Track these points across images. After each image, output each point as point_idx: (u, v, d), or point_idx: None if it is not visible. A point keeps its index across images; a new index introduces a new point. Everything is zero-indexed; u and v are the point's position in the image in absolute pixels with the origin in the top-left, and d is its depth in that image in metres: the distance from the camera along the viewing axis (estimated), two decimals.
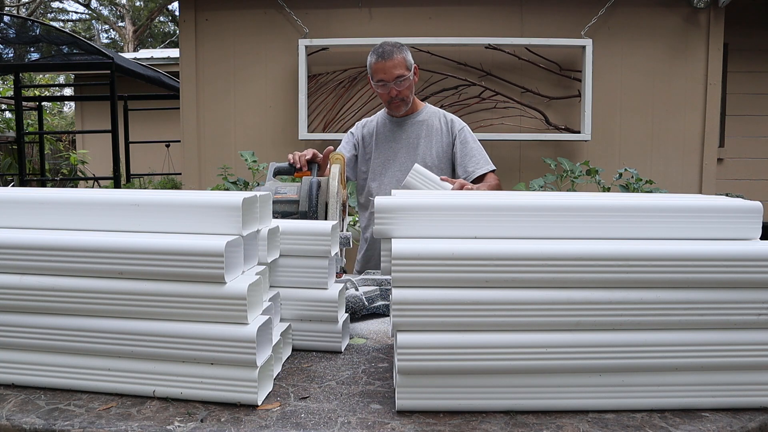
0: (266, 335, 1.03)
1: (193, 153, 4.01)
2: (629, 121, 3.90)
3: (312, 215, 1.52)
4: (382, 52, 2.20)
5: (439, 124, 2.32)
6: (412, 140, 2.31)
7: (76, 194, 1.09)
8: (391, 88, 2.22)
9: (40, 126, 6.86)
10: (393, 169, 2.30)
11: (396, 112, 2.30)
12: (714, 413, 0.97)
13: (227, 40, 3.96)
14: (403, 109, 2.29)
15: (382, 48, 2.21)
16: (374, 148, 2.35)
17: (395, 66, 2.18)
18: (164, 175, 6.66)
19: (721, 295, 0.96)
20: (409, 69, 2.22)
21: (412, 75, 2.24)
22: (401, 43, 2.26)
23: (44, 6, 18.21)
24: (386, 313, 1.56)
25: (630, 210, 1.01)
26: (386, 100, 2.27)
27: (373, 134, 2.36)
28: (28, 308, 1.02)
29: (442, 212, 1.00)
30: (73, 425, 0.90)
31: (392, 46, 2.21)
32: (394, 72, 2.18)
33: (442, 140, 2.30)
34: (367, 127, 2.40)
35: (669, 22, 3.84)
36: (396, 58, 2.18)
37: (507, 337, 0.96)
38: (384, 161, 2.33)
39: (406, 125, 2.33)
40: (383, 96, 2.27)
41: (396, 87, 2.21)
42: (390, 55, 2.19)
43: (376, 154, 2.34)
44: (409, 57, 2.23)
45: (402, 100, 2.25)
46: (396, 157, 2.31)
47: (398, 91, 2.22)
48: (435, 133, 2.30)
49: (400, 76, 2.19)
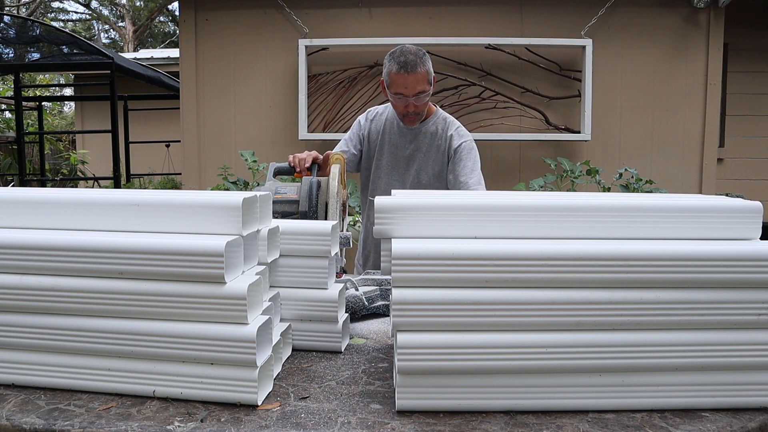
0: (266, 335, 1.03)
1: (193, 153, 4.01)
2: (629, 121, 3.90)
3: (312, 215, 1.52)
4: (404, 63, 1.99)
5: (441, 141, 2.17)
6: (412, 153, 2.19)
7: (76, 194, 1.09)
8: (409, 103, 2.06)
9: (40, 126, 6.86)
10: (392, 177, 2.22)
11: (409, 126, 2.16)
12: (714, 413, 0.97)
13: (227, 40, 3.96)
14: (417, 123, 2.16)
15: (404, 57, 2.00)
16: (378, 149, 2.23)
17: (418, 81, 2.00)
18: (164, 175, 6.66)
19: (721, 295, 0.96)
20: (431, 83, 2.06)
21: (432, 88, 2.08)
22: (424, 51, 2.05)
23: (44, 6, 18.21)
24: (386, 313, 1.56)
25: (630, 210, 1.00)
26: (401, 113, 2.12)
27: (380, 133, 2.23)
28: (28, 308, 1.02)
29: (442, 212, 1.00)
30: (73, 425, 0.90)
31: (415, 56, 2.00)
32: (417, 88, 2.01)
33: (439, 158, 2.17)
34: (375, 122, 2.25)
35: (669, 22, 3.84)
36: (419, 72, 1.99)
37: (507, 337, 0.96)
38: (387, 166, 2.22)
39: (411, 135, 2.19)
40: (398, 108, 2.11)
41: (415, 102, 2.06)
42: (414, 68, 1.98)
43: (379, 155, 2.23)
44: (430, 68, 2.05)
45: (417, 115, 2.11)
46: (395, 167, 2.21)
47: (416, 106, 2.07)
48: (434, 149, 2.17)
49: (421, 92, 2.03)
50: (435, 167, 2.18)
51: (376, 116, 2.27)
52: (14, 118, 7.19)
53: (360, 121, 2.28)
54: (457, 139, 2.17)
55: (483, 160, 2.15)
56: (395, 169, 2.22)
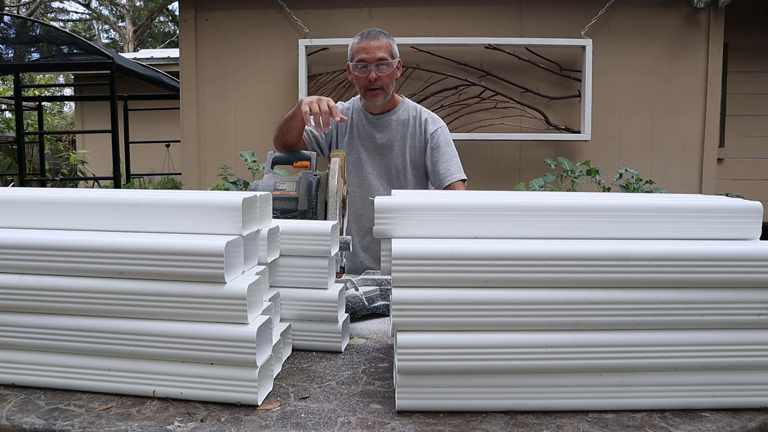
0: (266, 335, 1.03)
1: (193, 153, 4.01)
2: (629, 121, 3.90)
3: (312, 215, 1.52)
4: (366, 33, 2.08)
5: (414, 127, 2.18)
6: (386, 143, 2.17)
7: (76, 194, 1.09)
8: (371, 70, 2.06)
9: (40, 126, 6.86)
10: (365, 171, 2.19)
11: (372, 101, 2.12)
12: (714, 413, 0.97)
13: (227, 40, 3.96)
14: (381, 99, 2.12)
15: (367, 30, 2.10)
16: (346, 144, 2.20)
17: (379, 48, 2.05)
18: (164, 175, 6.66)
19: (721, 295, 0.96)
20: (394, 57, 2.10)
21: (396, 65, 2.11)
22: (388, 32, 2.14)
23: (44, 6, 18.21)
24: (386, 313, 1.56)
25: (630, 210, 1.00)
26: (363, 84, 2.10)
27: (347, 127, 2.21)
28: (28, 308, 1.02)
29: (442, 212, 1.00)
30: (73, 425, 0.90)
31: (378, 31, 2.09)
32: (377, 53, 2.05)
33: (415, 145, 2.17)
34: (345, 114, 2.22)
35: (669, 22, 3.84)
36: (381, 41, 2.06)
37: (507, 337, 0.95)
38: (355, 162, 2.20)
39: (382, 125, 2.18)
40: (361, 80, 2.10)
41: (377, 71, 2.06)
42: (375, 37, 2.07)
43: (348, 150, 2.20)
44: (395, 46, 2.11)
45: (381, 89, 2.09)
46: (369, 159, 2.19)
47: (378, 76, 2.06)
48: (409, 136, 2.17)
49: (382, 59, 2.05)
50: (413, 154, 2.17)
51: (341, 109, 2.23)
52: (14, 118, 7.20)
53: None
54: (432, 124, 2.17)
55: (483, 160, 2.15)
56: (370, 159, 2.19)
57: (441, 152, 2.14)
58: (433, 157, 2.14)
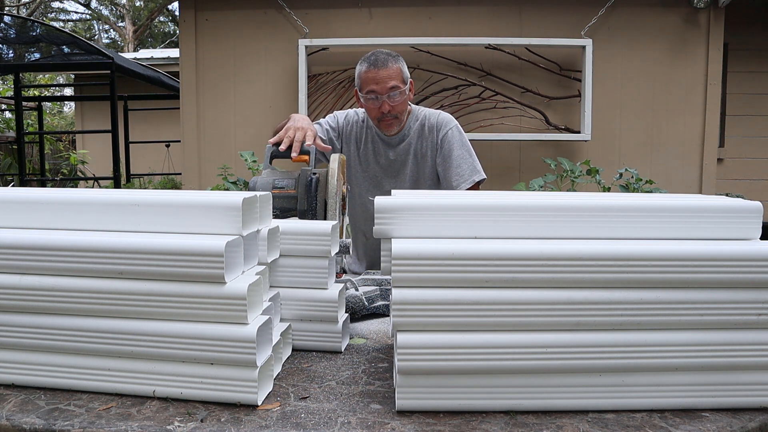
0: (266, 335, 1.03)
1: (193, 153, 4.01)
2: (629, 121, 3.90)
3: (311, 215, 1.51)
4: (374, 60, 1.92)
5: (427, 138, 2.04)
6: (401, 161, 2.05)
7: (76, 194, 1.09)
8: (383, 102, 1.92)
9: (40, 126, 6.86)
10: (379, 192, 2.03)
11: (386, 132, 2.01)
12: (714, 413, 0.97)
13: (227, 41, 3.96)
14: (395, 128, 2.00)
15: (374, 56, 1.93)
16: (359, 163, 2.09)
17: (390, 76, 1.90)
18: (164, 175, 6.66)
19: (721, 295, 0.96)
20: (405, 82, 1.95)
21: (408, 90, 1.98)
22: (396, 53, 1.99)
23: (44, 6, 18.21)
24: (386, 313, 1.56)
25: (630, 210, 1.00)
26: (376, 117, 1.98)
27: (361, 143, 2.08)
28: (28, 308, 1.02)
29: (442, 212, 1.00)
30: (73, 425, 0.90)
31: (386, 55, 1.93)
32: (388, 83, 1.90)
33: (427, 154, 2.04)
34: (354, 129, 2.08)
35: (669, 22, 3.84)
36: (391, 68, 1.91)
37: (507, 337, 0.95)
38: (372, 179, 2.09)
39: (395, 143, 2.06)
40: (372, 112, 1.97)
41: (389, 101, 1.92)
42: (384, 64, 1.90)
43: (362, 169, 2.08)
44: (405, 69, 1.96)
45: (395, 118, 1.97)
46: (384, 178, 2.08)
47: (391, 106, 1.93)
48: (423, 149, 2.04)
49: (394, 88, 1.91)
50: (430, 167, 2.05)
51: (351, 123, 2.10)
52: (14, 118, 7.20)
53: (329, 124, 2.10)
54: (440, 129, 2.04)
55: (483, 160, 2.11)
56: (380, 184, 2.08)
57: (452, 159, 2.01)
58: (444, 165, 2.03)
